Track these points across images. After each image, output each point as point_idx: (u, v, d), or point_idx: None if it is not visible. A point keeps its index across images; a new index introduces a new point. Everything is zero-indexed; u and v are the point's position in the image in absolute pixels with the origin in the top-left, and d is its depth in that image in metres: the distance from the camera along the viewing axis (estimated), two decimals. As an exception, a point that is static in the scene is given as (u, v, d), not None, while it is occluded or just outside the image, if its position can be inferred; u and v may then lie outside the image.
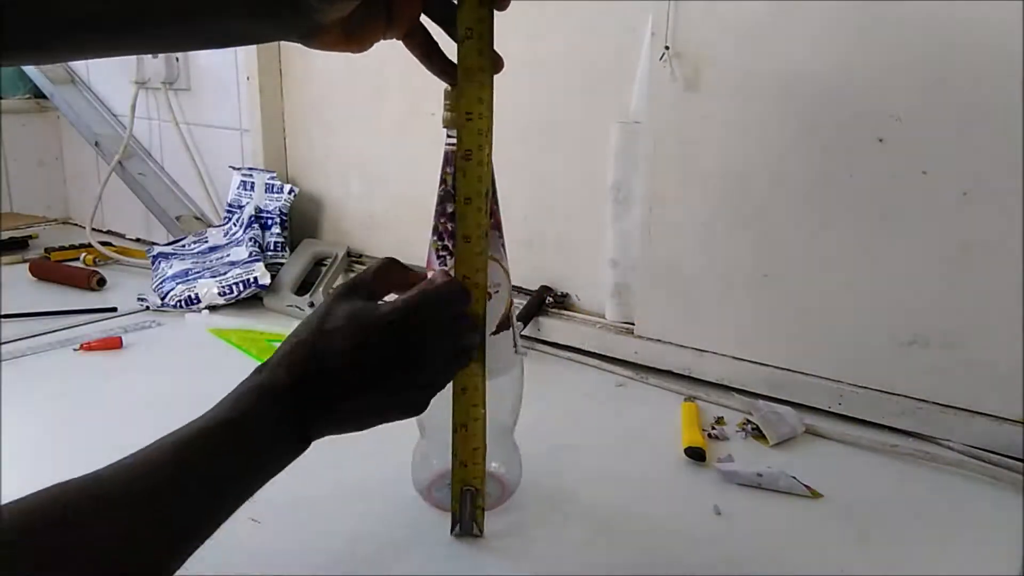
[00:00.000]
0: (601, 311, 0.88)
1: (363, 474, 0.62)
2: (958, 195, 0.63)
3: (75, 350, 0.85)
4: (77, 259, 1.22)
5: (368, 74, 1.03)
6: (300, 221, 1.14)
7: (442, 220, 0.52)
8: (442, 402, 0.53)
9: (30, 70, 1.39)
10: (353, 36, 0.47)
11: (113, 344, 0.86)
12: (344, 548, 0.52)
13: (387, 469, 0.60)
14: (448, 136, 0.53)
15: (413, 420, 0.56)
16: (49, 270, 1.14)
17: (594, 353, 0.85)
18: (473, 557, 0.52)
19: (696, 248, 0.77)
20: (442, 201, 0.52)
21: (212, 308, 0.99)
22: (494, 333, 0.53)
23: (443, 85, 0.53)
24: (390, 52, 0.96)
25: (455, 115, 0.50)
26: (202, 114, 1.24)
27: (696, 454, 0.64)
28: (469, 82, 0.48)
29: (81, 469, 0.37)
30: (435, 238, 0.53)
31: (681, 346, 0.80)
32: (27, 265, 1.15)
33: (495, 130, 0.50)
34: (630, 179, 0.81)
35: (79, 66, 1.41)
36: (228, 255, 1.07)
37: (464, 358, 0.49)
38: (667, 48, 0.74)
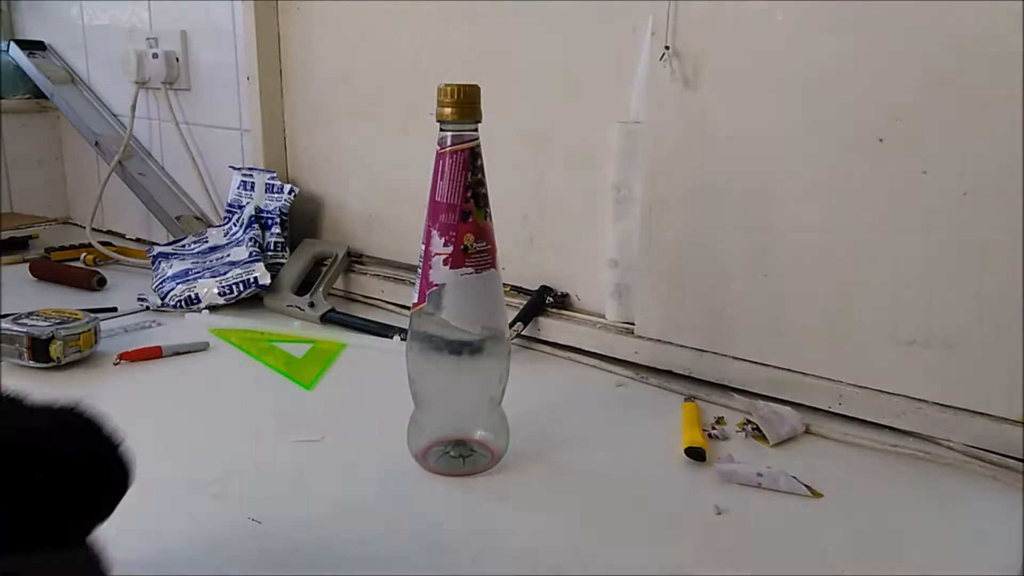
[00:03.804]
0: (601, 311, 0.88)
1: (360, 449, 0.64)
2: (958, 195, 0.63)
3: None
4: (77, 259, 1.22)
5: (368, 74, 1.03)
6: (300, 221, 1.14)
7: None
8: (436, 374, 0.59)
9: (30, 70, 1.39)
10: None
11: (154, 354, 0.84)
12: (347, 528, 0.53)
13: (383, 441, 0.63)
14: (441, 130, 0.55)
15: (408, 392, 0.62)
16: (49, 270, 1.15)
17: (594, 353, 0.85)
18: (469, 541, 0.52)
19: (696, 248, 0.77)
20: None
21: (212, 308, 0.99)
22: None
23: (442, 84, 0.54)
24: (391, 53, 0.97)
25: (447, 110, 0.54)
26: (202, 114, 1.24)
27: (696, 454, 0.64)
28: None
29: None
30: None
31: (681, 346, 0.80)
32: (27, 265, 1.15)
33: (495, 131, 0.51)
34: (630, 179, 0.81)
35: (79, 66, 1.41)
36: (228, 255, 1.07)
37: None
38: (667, 48, 0.75)
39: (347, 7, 1.03)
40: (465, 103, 0.55)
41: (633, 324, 0.84)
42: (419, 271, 0.58)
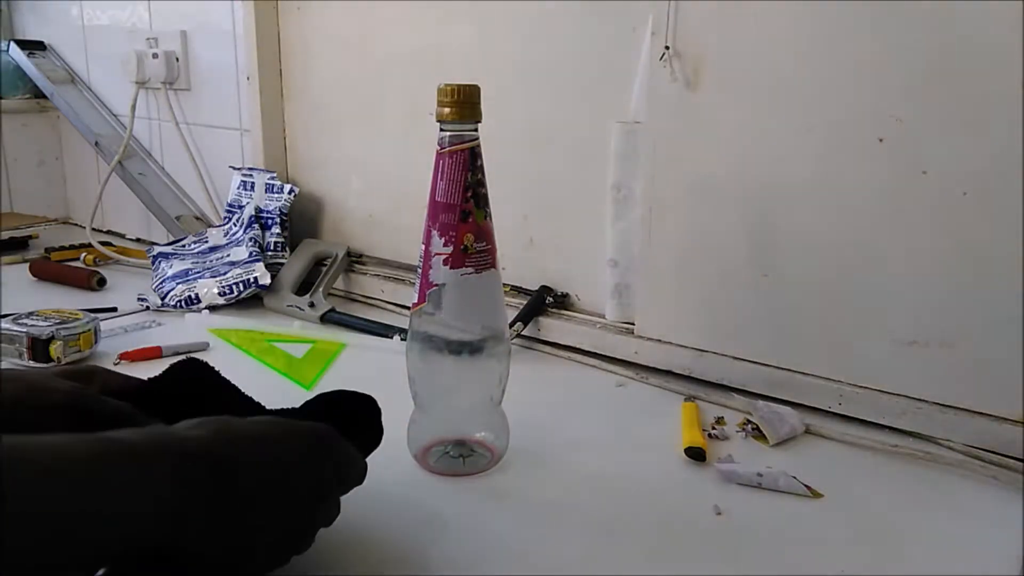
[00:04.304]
0: (601, 311, 0.88)
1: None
2: (958, 195, 0.63)
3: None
4: (77, 259, 1.22)
5: (368, 74, 1.03)
6: (300, 221, 1.14)
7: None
8: (436, 374, 0.59)
9: (30, 70, 1.39)
10: None
11: (154, 354, 0.84)
12: (346, 528, 0.53)
13: (383, 441, 0.62)
14: (441, 130, 0.55)
15: (408, 392, 0.61)
16: (49, 270, 1.15)
17: (594, 353, 0.85)
18: (469, 541, 0.52)
19: (696, 248, 0.77)
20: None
21: (212, 308, 0.99)
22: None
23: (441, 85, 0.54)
24: (391, 53, 0.96)
25: (446, 110, 0.54)
26: (202, 114, 1.24)
27: (696, 454, 0.64)
28: None
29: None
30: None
31: (681, 346, 0.80)
32: (27, 265, 1.15)
33: (495, 131, 0.51)
34: (630, 179, 0.81)
35: (79, 66, 1.41)
36: (228, 255, 1.07)
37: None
38: (667, 48, 0.75)
39: (347, 7, 1.03)
40: (465, 103, 0.55)
41: (633, 324, 0.84)
42: (419, 271, 0.58)
